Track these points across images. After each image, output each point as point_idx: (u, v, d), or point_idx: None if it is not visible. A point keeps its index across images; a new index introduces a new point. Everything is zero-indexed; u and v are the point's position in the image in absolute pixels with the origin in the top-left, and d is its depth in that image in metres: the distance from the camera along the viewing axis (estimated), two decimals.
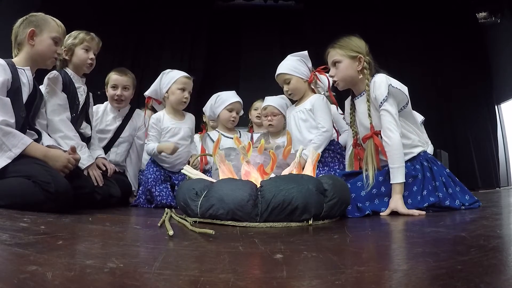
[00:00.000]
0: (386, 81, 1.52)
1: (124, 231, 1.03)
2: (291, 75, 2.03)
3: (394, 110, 1.52)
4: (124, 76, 2.25)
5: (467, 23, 4.45)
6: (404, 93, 1.54)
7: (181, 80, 2.18)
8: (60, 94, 1.78)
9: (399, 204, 1.44)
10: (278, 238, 0.91)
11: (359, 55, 1.58)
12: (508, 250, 0.74)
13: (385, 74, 1.57)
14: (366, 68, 1.58)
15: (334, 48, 1.63)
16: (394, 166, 1.48)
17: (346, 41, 1.63)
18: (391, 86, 1.51)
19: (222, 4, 5.01)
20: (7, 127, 1.39)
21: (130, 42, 4.66)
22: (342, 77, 1.62)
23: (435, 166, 1.58)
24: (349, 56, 1.59)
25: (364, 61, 1.58)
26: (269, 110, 2.32)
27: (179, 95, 2.16)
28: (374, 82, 1.55)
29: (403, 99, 1.55)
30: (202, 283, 0.49)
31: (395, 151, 1.49)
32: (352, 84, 1.65)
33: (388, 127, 1.50)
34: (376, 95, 1.53)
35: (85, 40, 1.88)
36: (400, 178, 1.47)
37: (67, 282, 0.48)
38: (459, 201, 1.51)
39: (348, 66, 1.60)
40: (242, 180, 1.28)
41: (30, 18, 1.58)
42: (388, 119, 1.51)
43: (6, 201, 1.32)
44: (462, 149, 4.35)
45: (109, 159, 2.21)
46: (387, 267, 0.60)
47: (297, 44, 5.00)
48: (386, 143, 1.51)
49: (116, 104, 2.26)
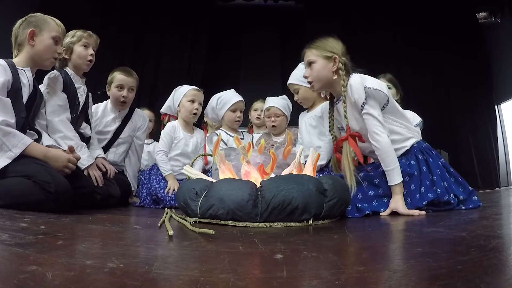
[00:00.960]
0: (361, 83, 1.49)
1: (124, 231, 1.03)
2: (299, 85, 2.04)
3: (376, 111, 1.49)
4: (130, 77, 2.24)
5: (467, 23, 4.45)
6: (382, 92, 1.51)
7: (190, 93, 2.28)
8: (60, 94, 1.78)
9: (400, 204, 1.44)
10: (278, 238, 0.91)
11: (334, 55, 1.55)
12: (508, 250, 0.74)
13: (360, 75, 1.54)
14: (341, 69, 1.54)
15: (309, 48, 1.61)
16: (389, 168, 1.47)
17: (322, 41, 1.60)
18: (367, 88, 1.49)
19: (222, 4, 5.01)
20: (7, 127, 1.39)
21: (130, 42, 4.65)
22: (316, 77, 1.58)
23: (431, 157, 1.56)
24: (324, 56, 1.56)
25: (339, 62, 1.54)
26: (272, 111, 2.32)
27: (189, 107, 2.26)
28: (351, 86, 1.51)
29: (383, 97, 1.52)
30: (202, 283, 0.49)
31: (386, 153, 1.48)
32: (329, 86, 1.62)
33: (374, 131, 1.49)
34: (355, 99, 1.51)
35: (83, 37, 1.89)
36: (397, 179, 1.46)
37: (67, 282, 0.48)
38: (454, 194, 1.51)
39: (322, 67, 1.56)
40: (242, 180, 1.28)
41: (29, 18, 1.58)
42: (373, 123, 1.49)
43: (6, 201, 1.32)
44: (462, 149, 4.35)
45: (108, 159, 2.21)
46: (387, 267, 0.60)
47: (297, 44, 5.02)
48: (376, 147, 1.49)
49: (120, 106, 2.24)
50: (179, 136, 2.27)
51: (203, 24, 4.77)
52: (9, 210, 1.26)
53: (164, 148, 2.23)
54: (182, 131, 2.29)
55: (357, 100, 1.50)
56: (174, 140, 2.26)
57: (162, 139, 2.25)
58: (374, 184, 1.52)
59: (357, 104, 1.51)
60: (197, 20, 4.77)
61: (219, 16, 4.95)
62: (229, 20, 5.08)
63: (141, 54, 4.67)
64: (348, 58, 1.58)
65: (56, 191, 1.34)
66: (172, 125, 2.29)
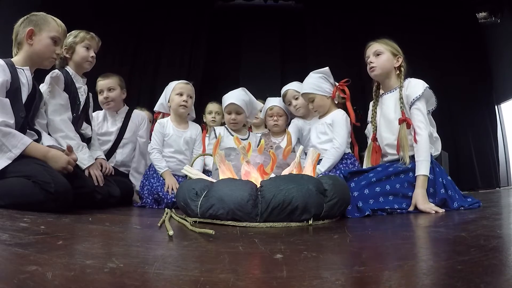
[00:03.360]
0: (424, 83, 1.66)
1: (124, 231, 1.03)
2: (315, 94, 2.10)
3: (425, 110, 1.64)
4: (106, 79, 2.32)
5: (467, 23, 4.45)
6: (434, 98, 1.69)
7: (178, 86, 2.28)
8: (62, 93, 1.78)
9: (419, 198, 1.48)
10: (278, 238, 0.91)
11: (399, 55, 1.75)
12: (508, 250, 0.74)
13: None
14: (403, 67, 1.73)
15: (378, 42, 1.79)
16: (421, 159, 1.56)
17: (389, 40, 1.80)
18: (427, 88, 1.64)
19: (222, 4, 5.00)
20: (6, 127, 1.39)
21: (130, 42, 4.65)
22: (381, 66, 1.75)
23: (438, 168, 1.61)
24: (391, 52, 1.75)
25: (402, 61, 1.74)
26: (275, 111, 2.37)
27: (177, 100, 2.24)
28: (410, 81, 1.68)
29: (432, 103, 1.70)
30: (202, 283, 0.49)
31: (422, 145, 1.57)
32: (385, 77, 1.77)
33: (418, 125, 1.61)
34: (409, 93, 1.65)
35: (86, 39, 1.91)
36: (424, 171, 1.53)
37: (67, 282, 0.48)
38: (458, 203, 1.53)
39: (388, 59, 1.75)
40: (242, 180, 1.28)
41: (30, 17, 1.58)
42: (419, 118, 1.62)
43: (6, 201, 1.32)
44: (462, 149, 4.35)
45: (116, 160, 2.28)
46: (387, 267, 0.60)
47: (297, 44, 5.03)
48: (417, 139, 1.59)
49: (106, 107, 2.32)
50: (169, 133, 2.26)
51: (203, 24, 4.77)
52: (9, 210, 1.26)
53: (157, 146, 2.22)
54: (172, 127, 2.28)
55: (411, 94, 1.65)
56: (164, 137, 2.25)
57: (153, 137, 2.25)
58: (382, 180, 1.56)
59: (408, 98, 1.65)
60: (197, 20, 4.77)
61: (219, 16, 4.95)
62: (229, 20, 5.07)
63: (141, 54, 4.66)
64: (407, 66, 1.77)
65: (56, 191, 1.34)
66: (161, 122, 2.29)
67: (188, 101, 2.26)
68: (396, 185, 1.55)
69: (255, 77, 4.69)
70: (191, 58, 4.65)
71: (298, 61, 5.05)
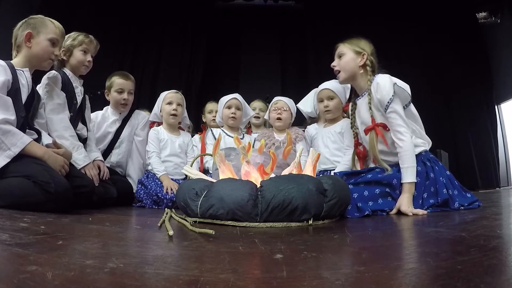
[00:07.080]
0: (391, 81, 1.54)
1: (124, 231, 1.03)
2: (335, 94, 2.13)
3: (401, 110, 1.55)
4: (129, 81, 2.33)
5: (467, 23, 4.45)
6: (407, 92, 1.56)
7: (167, 96, 2.37)
8: (60, 93, 1.79)
9: (404, 202, 1.46)
10: (278, 238, 0.91)
11: (363, 52, 1.64)
12: (508, 250, 0.74)
13: (388, 75, 1.60)
14: (368, 65, 1.63)
15: (342, 43, 1.71)
16: (404, 166, 1.51)
17: (355, 39, 1.71)
18: (396, 85, 1.54)
19: (222, 4, 5.01)
20: (6, 125, 1.38)
21: (129, 43, 4.66)
22: (343, 67, 1.67)
23: (437, 166, 1.59)
24: (354, 50, 1.66)
25: (367, 59, 1.63)
26: (280, 105, 2.39)
27: (167, 109, 2.33)
28: (378, 84, 1.57)
29: (406, 97, 1.58)
30: (202, 283, 0.49)
31: (406, 152, 1.51)
32: (353, 78, 1.69)
33: (398, 130, 1.53)
34: (380, 97, 1.55)
35: (84, 42, 1.91)
36: (410, 178, 1.49)
37: (67, 282, 0.48)
38: (458, 203, 1.52)
39: (351, 59, 1.65)
40: (242, 180, 1.28)
41: (29, 20, 1.59)
42: (397, 122, 1.54)
43: (6, 201, 1.32)
44: (462, 149, 4.35)
45: (111, 161, 2.28)
46: (387, 267, 0.60)
47: (297, 44, 5.03)
48: (398, 146, 1.53)
49: (122, 108, 2.32)
50: (164, 138, 2.33)
51: (203, 24, 4.77)
52: (9, 210, 1.26)
53: (156, 150, 2.27)
54: (166, 133, 2.35)
55: (383, 97, 1.54)
56: (160, 142, 2.31)
57: (150, 142, 2.31)
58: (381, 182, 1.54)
59: (382, 102, 1.55)
60: (197, 20, 4.77)
61: (219, 16, 4.95)
62: (229, 20, 5.07)
63: (141, 54, 4.67)
64: (376, 59, 1.67)
65: (56, 191, 1.34)
66: (155, 129, 2.36)
67: (178, 109, 2.33)
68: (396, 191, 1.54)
69: (255, 77, 4.69)
70: (191, 58, 4.65)
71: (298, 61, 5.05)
